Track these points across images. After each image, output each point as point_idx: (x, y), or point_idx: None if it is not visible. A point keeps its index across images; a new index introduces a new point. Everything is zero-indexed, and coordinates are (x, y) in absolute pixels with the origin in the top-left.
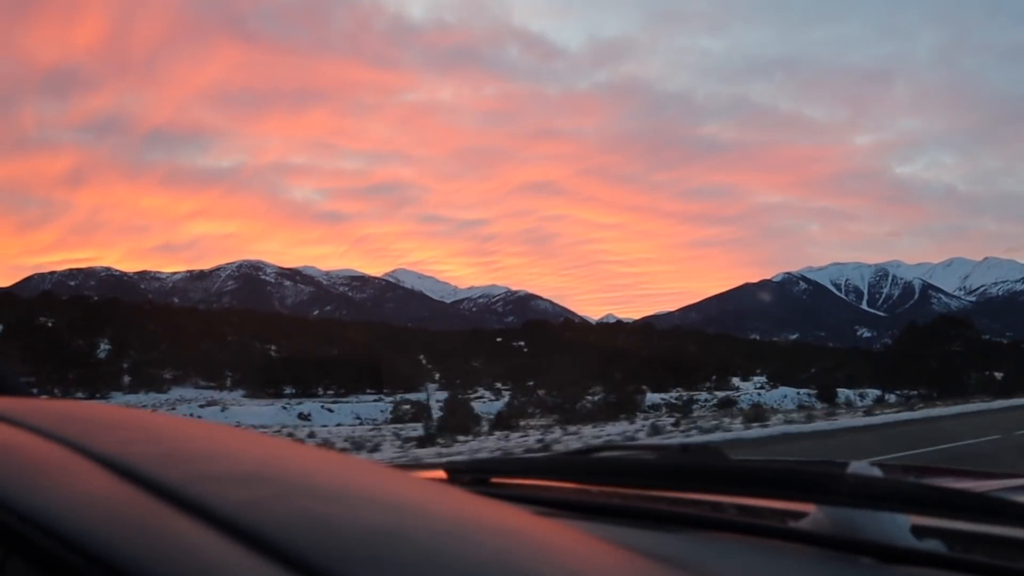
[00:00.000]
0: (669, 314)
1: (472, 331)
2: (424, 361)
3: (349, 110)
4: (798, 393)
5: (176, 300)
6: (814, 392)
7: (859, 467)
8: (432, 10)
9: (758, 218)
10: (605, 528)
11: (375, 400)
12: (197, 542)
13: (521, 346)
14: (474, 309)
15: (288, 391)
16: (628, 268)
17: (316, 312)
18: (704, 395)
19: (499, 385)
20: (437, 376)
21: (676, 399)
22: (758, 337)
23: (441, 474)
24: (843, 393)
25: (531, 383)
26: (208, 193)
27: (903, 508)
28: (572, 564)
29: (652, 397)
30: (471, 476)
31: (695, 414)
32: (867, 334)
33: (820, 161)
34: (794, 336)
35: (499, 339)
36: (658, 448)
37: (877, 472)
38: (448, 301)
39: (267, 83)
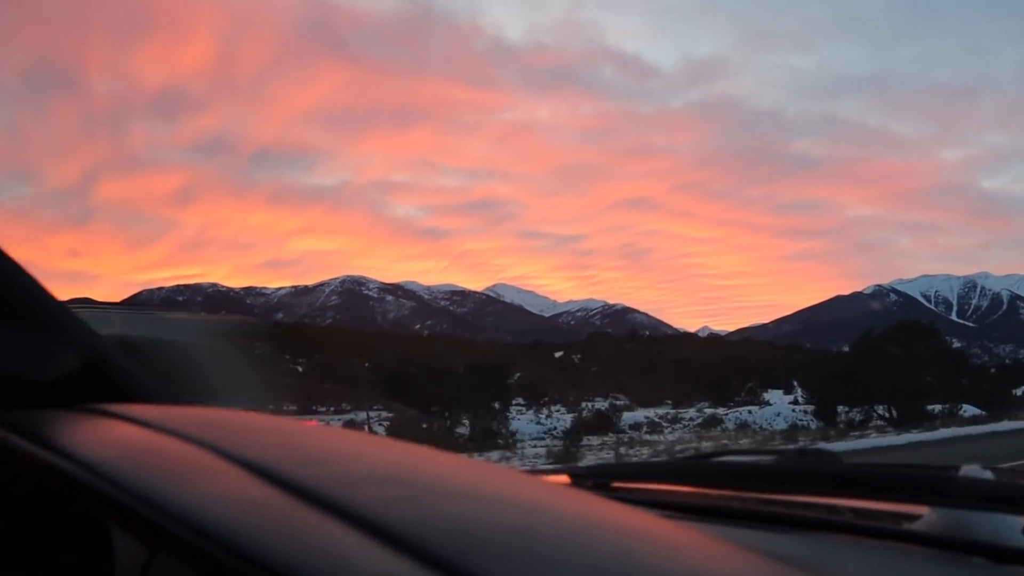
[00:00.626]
0: (763, 326)
1: (531, 343)
2: (460, 376)
3: (449, 129)
4: (793, 411)
5: (281, 315)
6: (812, 408)
7: (971, 470)
8: (529, 31)
9: (849, 231)
10: (724, 530)
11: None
12: (338, 539)
13: (577, 360)
14: (572, 323)
15: (290, 408)
16: (723, 281)
17: (418, 326)
18: (692, 412)
19: (520, 400)
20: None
21: (660, 417)
22: (848, 348)
23: (564, 479)
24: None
25: (544, 399)
26: (313, 210)
27: (1015, 509)
28: (699, 563)
29: (636, 416)
30: (593, 481)
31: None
32: (957, 344)
33: (909, 175)
34: None
35: (559, 353)
36: (774, 452)
37: (989, 475)
38: (547, 315)
39: (369, 103)
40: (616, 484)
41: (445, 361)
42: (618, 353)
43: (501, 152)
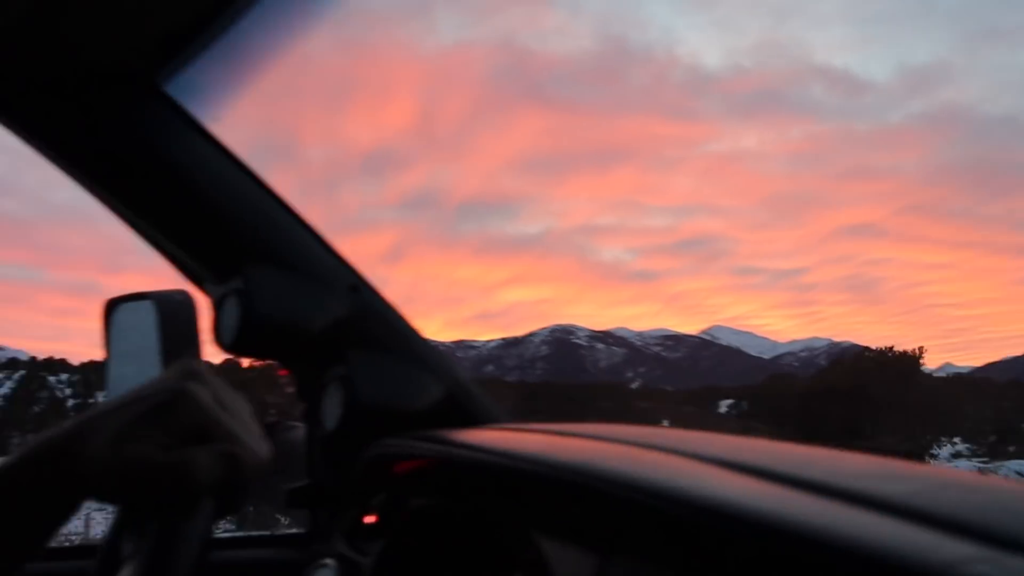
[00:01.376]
0: (1016, 360)
1: (703, 389)
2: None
3: (652, 166)
4: None
5: (492, 367)
6: None
7: None
8: (728, 57)
9: None
10: None
11: None
12: (878, 522)
13: (745, 407)
14: (796, 364)
15: None
16: (965, 311)
17: (629, 374)
18: None
19: None
20: None
21: None
22: None
23: None
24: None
25: None
26: (519, 260)
27: None
28: None
29: None
30: None
31: None
32: None
33: None
34: None
35: (728, 401)
36: None
37: None
38: (767, 357)
39: (569, 146)
40: None
41: (545, 409)
42: (793, 398)
43: (708, 186)
